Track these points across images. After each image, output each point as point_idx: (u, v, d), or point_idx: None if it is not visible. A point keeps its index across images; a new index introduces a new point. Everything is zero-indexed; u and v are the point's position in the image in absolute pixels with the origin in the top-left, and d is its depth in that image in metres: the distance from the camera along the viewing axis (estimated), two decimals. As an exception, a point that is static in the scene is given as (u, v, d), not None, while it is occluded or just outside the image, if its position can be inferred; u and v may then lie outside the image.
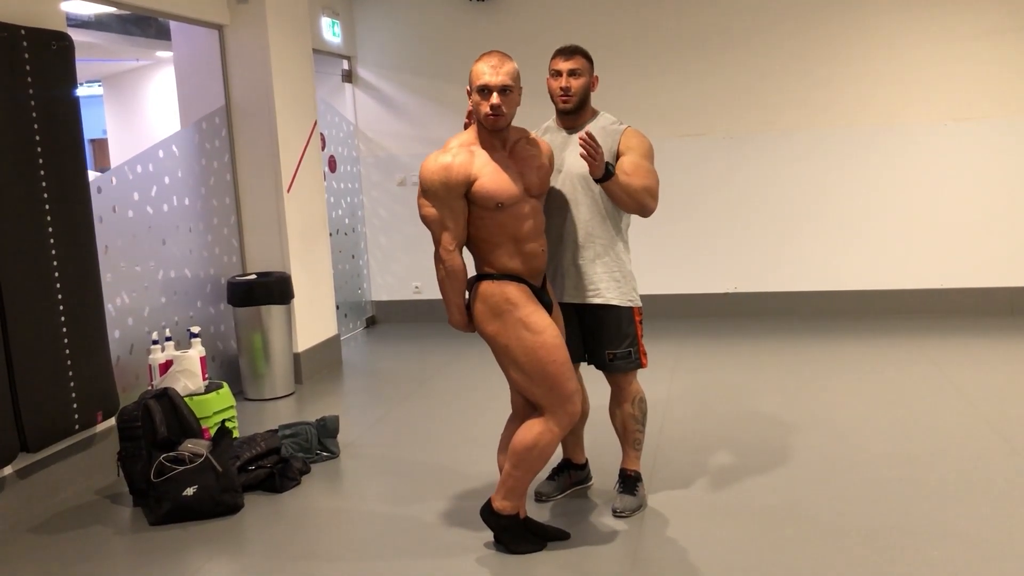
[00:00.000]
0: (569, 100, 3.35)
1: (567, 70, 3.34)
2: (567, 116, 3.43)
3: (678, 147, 6.90)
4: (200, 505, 3.63)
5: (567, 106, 3.37)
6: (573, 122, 3.44)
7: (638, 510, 3.50)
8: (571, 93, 3.34)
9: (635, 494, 3.53)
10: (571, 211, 3.39)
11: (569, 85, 3.34)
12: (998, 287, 6.57)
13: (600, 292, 3.39)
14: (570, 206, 3.39)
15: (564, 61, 3.35)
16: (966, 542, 3.11)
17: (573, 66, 3.34)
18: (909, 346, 5.83)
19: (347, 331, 7.14)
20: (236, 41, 5.54)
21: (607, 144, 3.37)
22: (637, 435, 3.56)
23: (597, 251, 3.39)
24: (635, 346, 3.43)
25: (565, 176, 3.39)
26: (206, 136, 5.44)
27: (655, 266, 7.06)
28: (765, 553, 3.11)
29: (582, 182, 3.37)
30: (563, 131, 3.45)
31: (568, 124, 3.45)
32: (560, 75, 3.36)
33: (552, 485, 3.70)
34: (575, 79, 3.34)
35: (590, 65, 3.40)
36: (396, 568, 3.17)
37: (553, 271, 3.40)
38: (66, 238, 3.85)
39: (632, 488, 3.54)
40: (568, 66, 3.34)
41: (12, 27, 3.62)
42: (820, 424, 4.42)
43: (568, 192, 3.39)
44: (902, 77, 6.53)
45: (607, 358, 3.43)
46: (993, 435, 4.13)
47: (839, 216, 6.74)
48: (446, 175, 2.98)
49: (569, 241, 3.40)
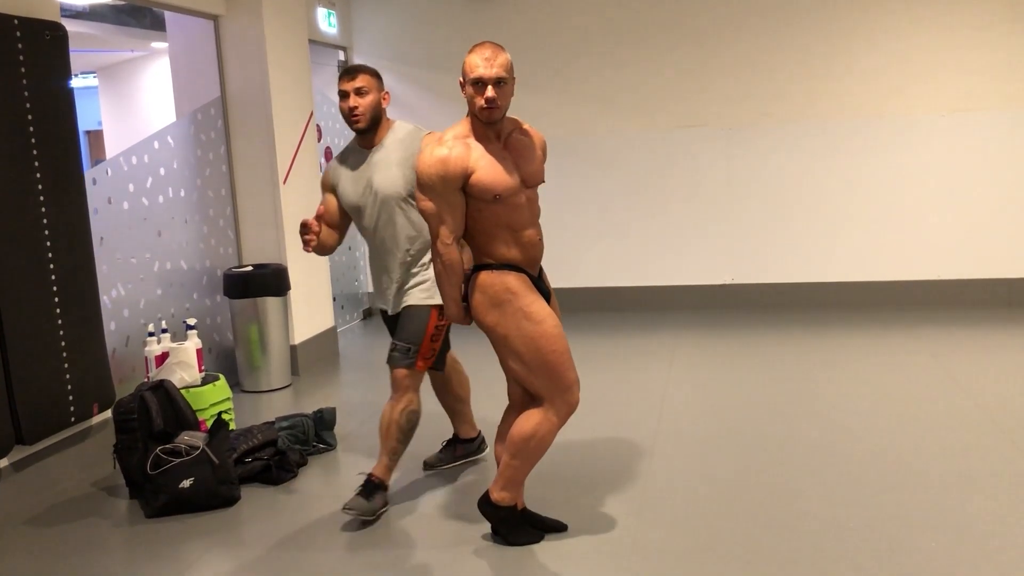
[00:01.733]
0: (359, 119, 3.39)
1: (353, 89, 3.38)
2: (364, 135, 3.47)
3: (675, 138, 6.89)
4: (197, 497, 3.63)
5: (359, 125, 3.40)
6: (371, 140, 3.48)
7: (366, 516, 3.40)
8: (359, 112, 3.38)
9: (369, 500, 3.42)
10: (386, 230, 3.46)
11: (356, 104, 3.38)
12: (996, 278, 6.57)
13: (411, 297, 3.49)
14: (385, 225, 3.46)
15: (349, 81, 3.39)
16: (963, 533, 3.11)
17: (359, 85, 3.38)
18: (906, 337, 5.83)
19: (344, 323, 7.12)
20: (231, 31, 5.51)
21: (406, 155, 3.42)
22: (396, 445, 3.48)
23: (412, 267, 3.49)
24: (416, 344, 3.43)
25: (375, 197, 3.44)
26: (201, 127, 5.42)
27: (651, 257, 7.06)
28: (762, 543, 3.12)
29: (394, 200, 3.43)
30: (363, 150, 3.49)
31: (367, 143, 3.49)
32: (347, 96, 3.39)
33: (440, 456, 3.91)
34: (362, 98, 3.39)
35: (377, 81, 3.44)
36: (393, 560, 3.17)
37: (382, 286, 3.57)
38: (61, 230, 3.84)
39: (369, 493, 3.44)
40: (353, 85, 3.38)
41: (5, 17, 3.60)
42: (817, 415, 4.42)
43: (381, 211, 3.45)
44: (899, 68, 6.52)
45: (390, 348, 3.48)
46: (991, 427, 4.13)
47: (836, 207, 6.74)
48: (443, 168, 2.96)
49: (388, 258, 3.50)
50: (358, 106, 3.38)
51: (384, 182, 3.41)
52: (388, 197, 3.41)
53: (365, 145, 3.49)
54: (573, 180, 7.07)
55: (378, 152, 3.46)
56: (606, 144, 7.02)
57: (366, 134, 3.46)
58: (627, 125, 6.97)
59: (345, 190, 3.50)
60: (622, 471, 3.84)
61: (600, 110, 6.99)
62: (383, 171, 3.43)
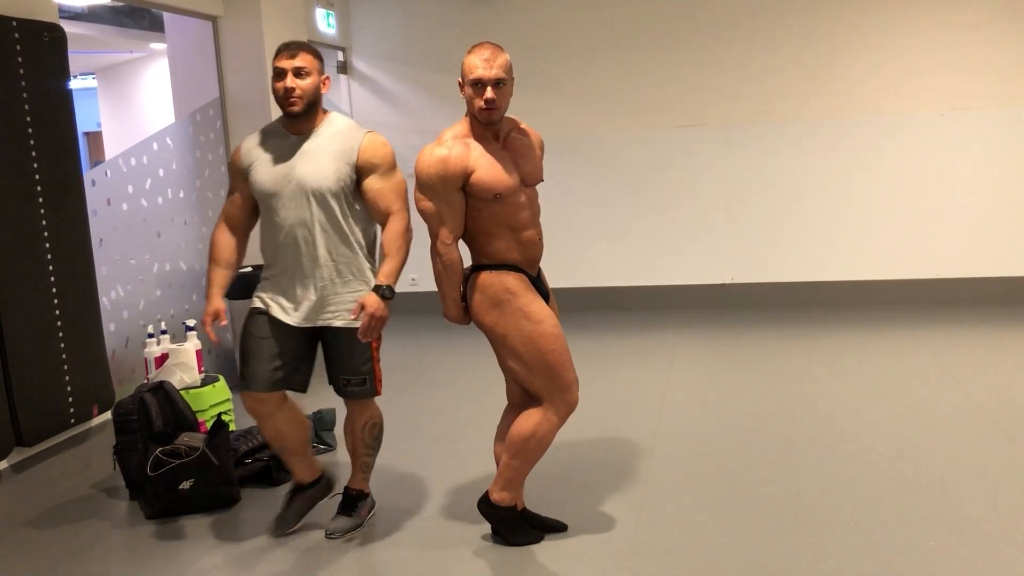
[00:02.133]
0: (296, 103, 3.03)
1: (292, 69, 3.02)
2: (294, 120, 3.11)
3: (673, 137, 6.89)
4: (197, 498, 3.63)
5: (295, 109, 3.04)
6: (302, 127, 3.12)
7: (353, 530, 3.35)
8: (297, 95, 3.03)
9: (351, 515, 3.36)
10: (307, 228, 3.09)
11: (295, 86, 3.02)
12: (995, 277, 6.57)
13: (341, 313, 3.15)
14: (305, 222, 3.08)
15: (288, 59, 3.03)
16: (963, 532, 3.11)
17: (299, 64, 3.03)
18: (905, 336, 5.83)
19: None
20: (230, 32, 5.51)
21: (344, 148, 3.10)
22: (367, 459, 3.38)
23: (339, 270, 3.14)
24: (371, 373, 3.23)
25: (297, 189, 3.07)
26: (200, 128, 5.42)
27: (650, 256, 7.06)
28: (762, 543, 3.12)
29: (317, 196, 3.08)
30: (290, 136, 3.13)
31: (297, 129, 3.12)
32: (284, 75, 3.03)
33: (289, 514, 3.38)
34: (301, 80, 3.03)
35: (319, 63, 3.11)
36: (393, 560, 3.17)
37: (292, 292, 3.16)
38: (60, 232, 3.83)
39: (350, 508, 3.38)
40: (293, 65, 3.02)
41: (4, 18, 3.60)
42: (816, 414, 4.42)
43: (302, 207, 3.08)
44: (898, 67, 6.52)
45: (341, 383, 3.23)
46: (990, 425, 4.13)
47: (835, 206, 6.74)
48: (443, 168, 2.96)
49: (308, 260, 3.12)
50: (296, 88, 3.01)
51: (311, 173, 3.05)
52: (312, 189, 3.05)
53: (294, 131, 3.12)
54: (572, 180, 7.07)
55: (310, 141, 3.10)
56: (605, 144, 7.02)
57: (297, 119, 3.09)
58: (626, 125, 6.96)
59: (259, 174, 3.11)
60: (622, 471, 3.84)
61: (598, 110, 6.99)
62: (313, 161, 3.07)
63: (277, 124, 3.19)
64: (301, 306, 3.15)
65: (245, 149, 3.18)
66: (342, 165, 3.08)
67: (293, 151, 3.10)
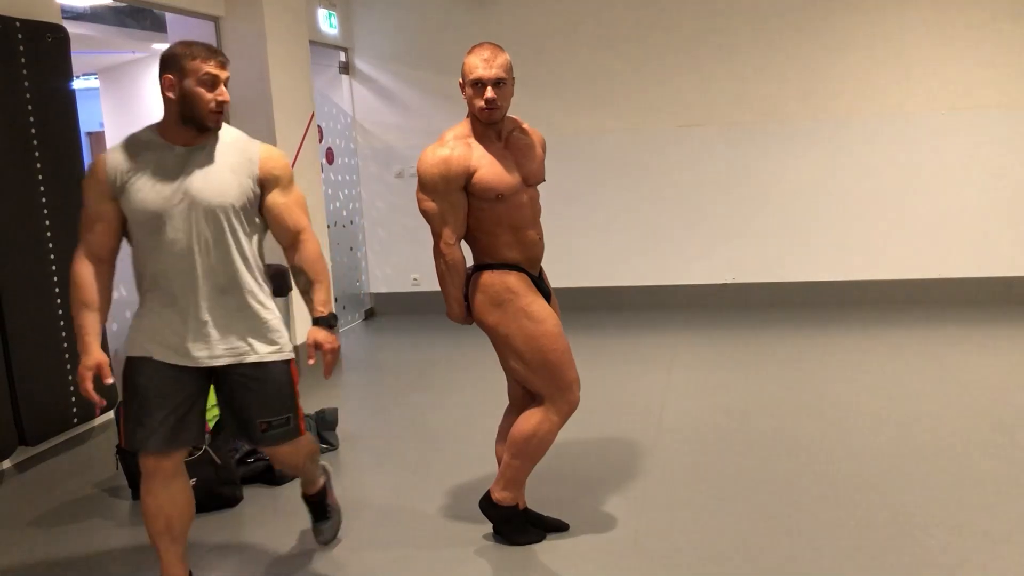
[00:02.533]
0: (221, 117, 2.64)
1: (225, 80, 2.61)
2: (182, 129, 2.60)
3: (677, 137, 6.89)
4: (199, 498, 3.61)
5: (219, 123, 2.63)
6: (191, 137, 2.62)
7: (340, 522, 3.29)
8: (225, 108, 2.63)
9: (329, 516, 3.26)
10: (203, 251, 2.63)
11: (225, 99, 2.60)
12: (997, 276, 6.57)
13: (252, 347, 2.70)
14: (201, 245, 2.62)
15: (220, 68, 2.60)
16: (964, 531, 3.12)
17: (228, 75, 2.63)
18: (907, 336, 5.83)
19: (346, 323, 7.13)
20: (232, 33, 5.52)
21: (242, 161, 2.68)
22: (313, 477, 3.16)
23: (240, 297, 2.69)
24: (295, 410, 2.78)
25: (190, 207, 2.59)
26: (203, 128, 5.42)
27: (652, 256, 7.07)
28: (763, 542, 3.12)
29: (216, 214, 2.62)
30: (174, 147, 2.61)
31: (185, 139, 2.62)
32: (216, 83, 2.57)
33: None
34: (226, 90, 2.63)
35: None
36: (395, 559, 3.17)
37: (180, 327, 2.65)
38: (63, 231, 3.85)
39: (321, 512, 3.24)
40: (225, 75, 2.60)
41: (7, 19, 3.61)
42: (817, 413, 4.43)
43: (197, 227, 2.61)
44: (901, 67, 6.52)
45: (260, 428, 2.73)
46: (991, 425, 4.13)
47: (838, 206, 6.74)
48: (445, 168, 2.97)
49: (204, 287, 2.64)
50: (227, 100, 2.61)
51: (209, 188, 2.60)
52: (210, 207, 2.60)
53: (179, 141, 2.61)
54: (574, 180, 7.07)
55: (199, 153, 2.62)
56: (606, 143, 7.02)
57: (191, 131, 2.60)
58: (627, 125, 6.97)
59: (140, 192, 2.59)
60: (623, 470, 3.84)
61: (600, 110, 6.99)
62: (210, 175, 2.61)
63: (151, 134, 2.64)
64: (196, 343, 2.65)
65: (112, 164, 2.60)
66: (244, 179, 2.67)
67: (181, 165, 2.61)
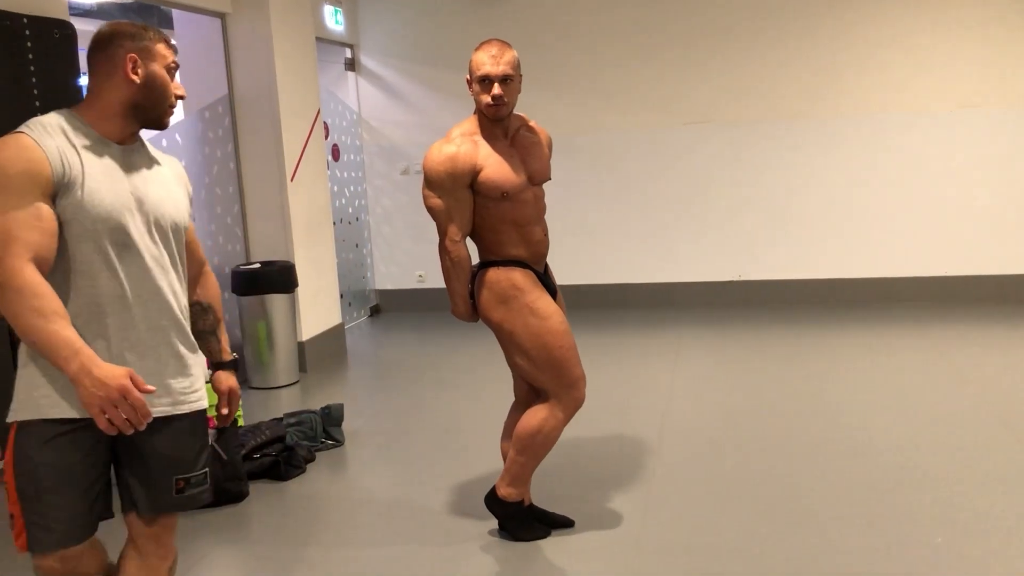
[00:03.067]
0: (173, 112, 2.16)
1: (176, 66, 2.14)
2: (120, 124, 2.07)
3: (681, 135, 6.89)
4: (205, 493, 3.64)
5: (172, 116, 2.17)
6: (128, 134, 2.09)
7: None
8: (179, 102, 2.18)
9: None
10: (163, 277, 2.10)
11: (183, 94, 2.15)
12: (1004, 274, 6.55)
13: (200, 392, 2.19)
14: (160, 270, 2.09)
15: (173, 52, 2.14)
16: (969, 530, 3.12)
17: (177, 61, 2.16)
18: (914, 334, 5.83)
19: (351, 320, 7.14)
20: (239, 29, 5.53)
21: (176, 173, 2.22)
22: None
23: (182, 335, 2.16)
24: (208, 465, 2.23)
25: (148, 221, 2.07)
26: (209, 125, 5.44)
27: (658, 253, 7.06)
28: (768, 540, 3.12)
29: (166, 234, 2.11)
30: (110, 144, 2.05)
31: (121, 136, 2.07)
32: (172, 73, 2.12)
33: None
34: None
35: None
36: (400, 555, 3.18)
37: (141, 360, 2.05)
38: (70, 227, 3.85)
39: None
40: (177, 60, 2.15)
41: (14, 15, 3.62)
42: (823, 412, 4.42)
43: (156, 248, 2.09)
44: (906, 64, 6.50)
45: (176, 488, 2.14)
46: (997, 423, 4.12)
47: (843, 203, 6.73)
48: (452, 166, 2.97)
49: (161, 321, 2.10)
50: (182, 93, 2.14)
51: (166, 200, 2.12)
52: (174, 223, 2.13)
53: (115, 137, 2.06)
54: (579, 177, 7.07)
55: (137, 156, 2.11)
56: (612, 141, 7.02)
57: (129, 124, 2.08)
58: (633, 122, 6.96)
59: (99, 196, 1.99)
60: (628, 467, 3.85)
61: (606, 107, 6.98)
62: (162, 185, 2.13)
63: (78, 123, 2.04)
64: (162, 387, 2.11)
65: (53, 152, 1.96)
66: (184, 195, 2.22)
67: (127, 167, 2.07)
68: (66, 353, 1.87)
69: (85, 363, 1.87)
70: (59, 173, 1.95)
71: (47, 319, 1.88)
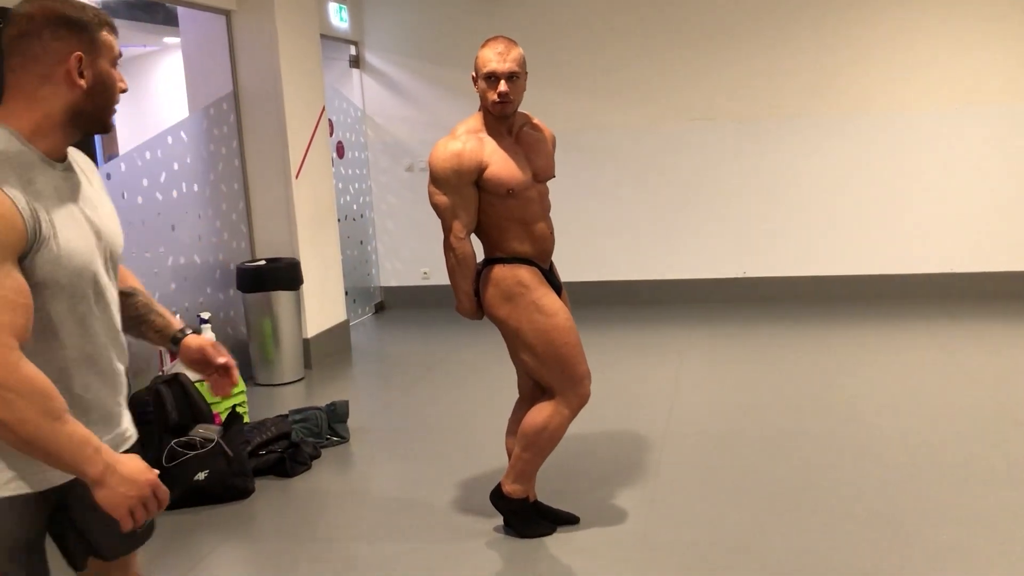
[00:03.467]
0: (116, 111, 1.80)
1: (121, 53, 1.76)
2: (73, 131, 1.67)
3: (687, 132, 6.88)
4: (211, 489, 3.66)
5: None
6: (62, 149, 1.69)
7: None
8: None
9: None
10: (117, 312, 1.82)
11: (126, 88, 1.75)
12: (1009, 271, 6.54)
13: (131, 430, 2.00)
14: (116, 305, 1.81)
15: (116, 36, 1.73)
16: (977, 525, 3.11)
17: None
18: (919, 331, 5.82)
19: (356, 317, 7.15)
20: (243, 27, 5.53)
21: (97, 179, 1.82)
22: None
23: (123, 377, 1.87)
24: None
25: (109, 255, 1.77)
26: (214, 122, 5.45)
27: (663, 250, 7.06)
28: (775, 536, 3.12)
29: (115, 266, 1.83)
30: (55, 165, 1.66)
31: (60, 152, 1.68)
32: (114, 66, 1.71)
33: None
34: None
35: None
36: (406, 552, 3.19)
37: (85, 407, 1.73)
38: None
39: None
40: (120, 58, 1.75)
41: (20, 13, 3.62)
42: (829, 409, 4.42)
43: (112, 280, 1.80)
44: (911, 61, 6.48)
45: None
46: (1004, 419, 4.12)
47: (850, 200, 6.72)
48: (458, 162, 2.98)
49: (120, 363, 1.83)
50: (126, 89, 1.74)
51: (113, 223, 1.81)
52: (119, 253, 1.83)
53: (55, 154, 1.67)
54: (584, 175, 7.07)
55: (75, 174, 1.73)
56: (617, 139, 7.01)
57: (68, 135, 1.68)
58: (637, 120, 6.96)
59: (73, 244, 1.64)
60: (633, 464, 3.85)
61: (611, 104, 6.98)
62: (104, 204, 1.80)
63: (18, 144, 1.60)
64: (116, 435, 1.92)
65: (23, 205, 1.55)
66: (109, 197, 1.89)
67: (72, 192, 1.69)
68: (88, 453, 1.58)
69: (109, 462, 1.60)
70: (32, 228, 1.55)
71: (62, 420, 1.55)
